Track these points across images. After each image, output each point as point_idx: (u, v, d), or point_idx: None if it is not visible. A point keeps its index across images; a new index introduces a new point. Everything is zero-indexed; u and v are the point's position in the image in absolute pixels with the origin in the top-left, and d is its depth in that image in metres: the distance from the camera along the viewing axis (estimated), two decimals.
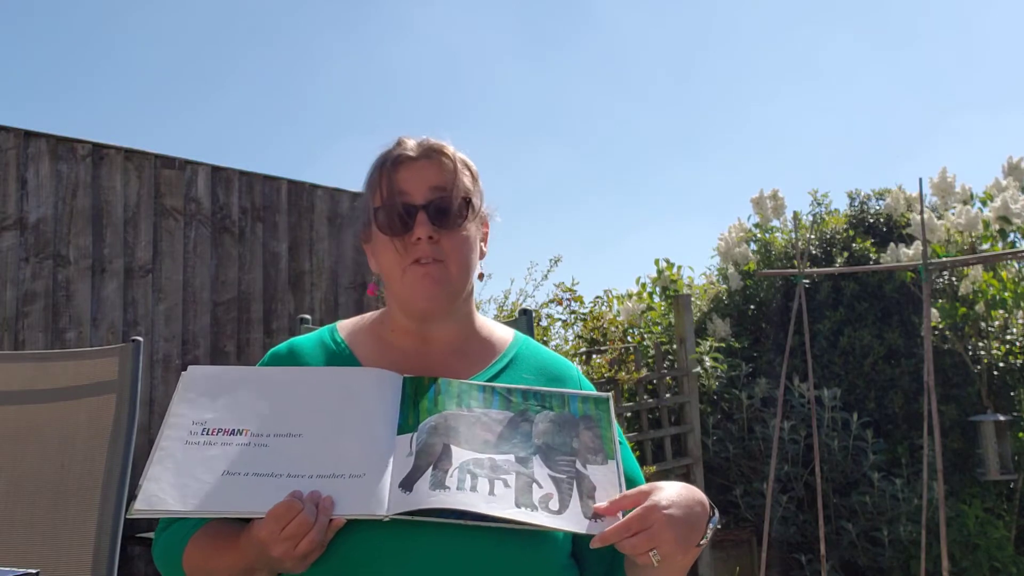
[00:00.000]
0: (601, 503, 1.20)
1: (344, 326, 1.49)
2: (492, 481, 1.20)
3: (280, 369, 1.39)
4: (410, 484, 1.19)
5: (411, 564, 1.20)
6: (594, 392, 1.41)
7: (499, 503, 1.17)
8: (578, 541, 1.33)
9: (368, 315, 1.50)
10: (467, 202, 1.36)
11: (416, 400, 1.30)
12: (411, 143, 1.39)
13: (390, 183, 1.35)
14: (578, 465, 1.25)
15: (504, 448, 1.25)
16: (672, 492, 1.18)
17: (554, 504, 1.20)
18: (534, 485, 1.21)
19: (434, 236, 1.33)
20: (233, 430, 1.25)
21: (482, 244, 1.44)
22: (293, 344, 1.47)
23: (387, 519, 1.16)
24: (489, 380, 1.39)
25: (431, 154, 1.37)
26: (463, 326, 1.44)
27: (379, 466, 1.21)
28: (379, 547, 1.20)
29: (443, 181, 1.35)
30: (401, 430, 1.26)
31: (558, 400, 1.35)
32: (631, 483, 1.27)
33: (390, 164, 1.37)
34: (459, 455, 1.23)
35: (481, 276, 1.46)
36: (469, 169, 1.40)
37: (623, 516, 1.18)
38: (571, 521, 1.18)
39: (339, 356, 1.42)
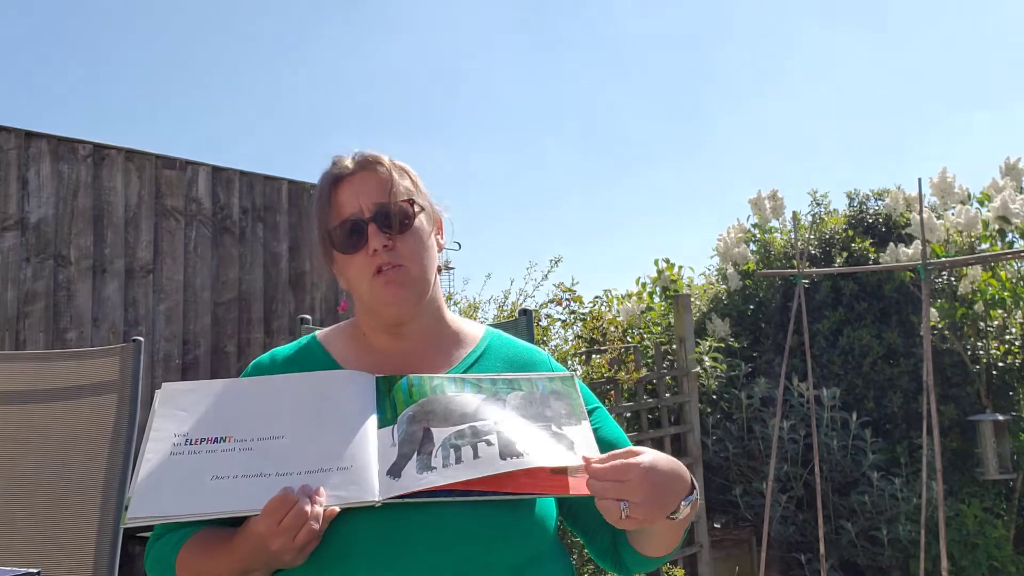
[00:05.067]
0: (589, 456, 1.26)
1: (322, 334, 1.55)
2: (475, 445, 1.25)
3: (254, 379, 1.42)
4: (398, 471, 1.23)
5: (405, 543, 1.23)
6: (559, 372, 1.47)
7: (485, 464, 1.22)
8: (578, 512, 1.39)
9: (343, 323, 1.56)
10: (411, 204, 1.42)
11: (391, 396, 1.35)
12: (347, 160, 1.44)
13: (335, 204, 1.42)
14: (554, 428, 1.31)
15: (483, 416, 1.30)
16: (657, 456, 1.24)
17: (539, 447, 1.25)
18: (517, 437, 1.26)
19: (388, 244, 1.39)
20: (216, 438, 1.28)
21: (437, 237, 1.50)
22: (275, 354, 1.51)
23: (379, 504, 1.19)
24: (462, 373, 1.44)
25: (366, 165, 1.42)
26: (434, 321, 1.49)
27: (365, 457, 1.24)
28: (373, 530, 1.23)
29: (383, 189, 1.40)
30: (381, 425, 1.30)
31: (526, 383, 1.39)
32: (615, 446, 1.33)
33: (330, 185, 1.42)
34: (440, 434, 1.27)
35: (440, 270, 1.52)
36: (407, 173, 1.46)
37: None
38: (557, 455, 1.25)
39: (320, 362, 1.46)
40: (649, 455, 1.23)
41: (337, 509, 1.20)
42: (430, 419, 1.30)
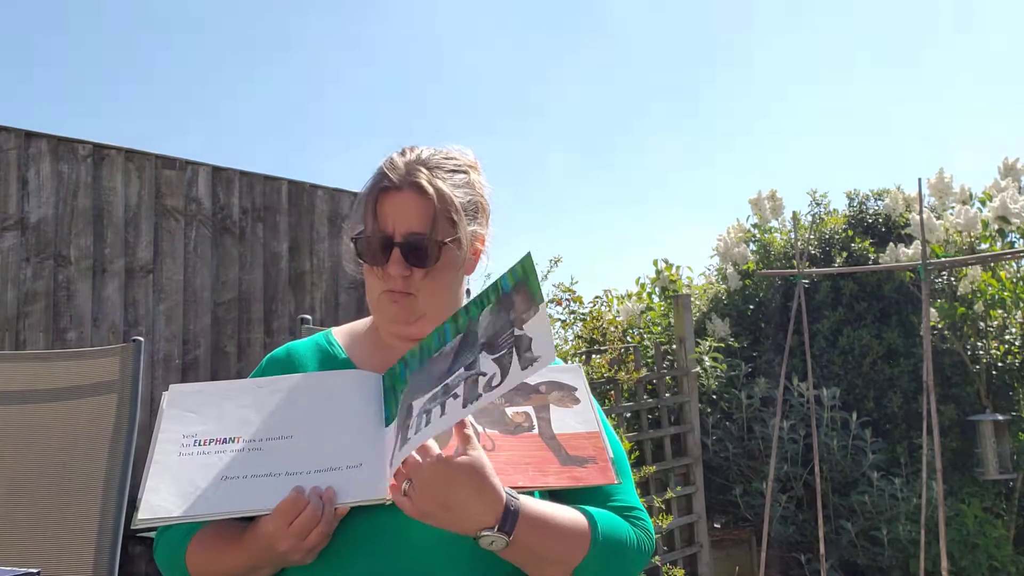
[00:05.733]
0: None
1: (338, 330, 1.54)
2: (443, 403, 1.19)
3: (262, 379, 1.41)
4: None
5: (414, 538, 1.23)
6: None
7: (449, 418, 1.16)
8: (564, 497, 1.31)
9: (360, 321, 1.55)
10: (441, 245, 1.36)
11: (395, 389, 1.34)
12: (400, 167, 1.38)
13: (373, 214, 1.37)
14: (515, 331, 1.22)
15: (456, 367, 1.24)
16: (480, 464, 1.16)
17: (496, 380, 1.17)
18: (480, 378, 1.19)
19: (407, 274, 1.36)
20: (225, 439, 1.27)
21: (472, 257, 1.45)
22: (290, 348, 1.51)
23: (389, 503, 1.19)
24: None
25: (414, 187, 1.35)
26: None
27: (374, 456, 1.24)
28: (379, 526, 1.23)
29: (422, 220, 1.35)
30: (388, 422, 1.30)
31: (492, 290, 1.28)
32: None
33: (376, 193, 1.37)
34: (417, 405, 1.23)
35: (469, 293, 1.50)
36: (453, 203, 1.37)
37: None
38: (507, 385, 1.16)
39: (334, 358, 1.46)
40: (472, 457, 1.16)
41: (347, 508, 1.20)
42: (413, 393, 1.27)
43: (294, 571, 1.26)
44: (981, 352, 5.63)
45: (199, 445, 1.27)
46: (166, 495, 1.20)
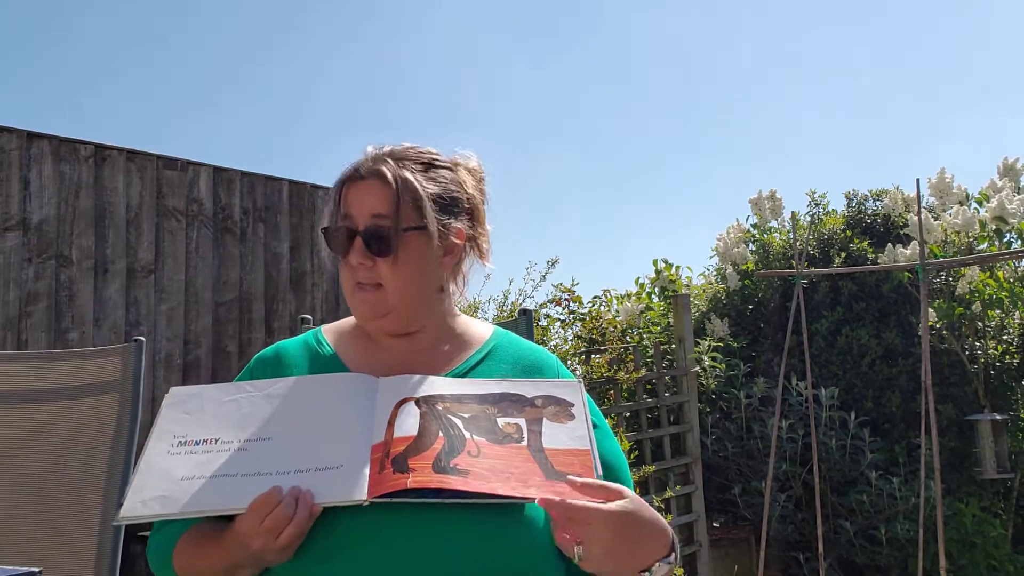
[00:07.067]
0: (574, 476, 1.20)
1: (328, 329, 1.52)
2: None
3: (259, 382, 1.40)
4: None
5: (390, 545, 1.21)
6: (566, 379, 1.43)
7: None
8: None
9: (348, 318, 1.53)
10: (402, 232, 1.34)
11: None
12: (368, 160, 1.38)
13: (338, 204, 1.38)
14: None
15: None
16: (637, 505, 1.17)
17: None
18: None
19: (367, 263, 1.35)
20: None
21: (447, 254, 1.41)
22: (279, 348, 1.50)
23: (366, 503, 1.17)
24: (466, 372, 1.42)
25: (377, 175, 1.35)
26: (438, 324, 1.46)
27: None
28: (358, 531, 1.21)
29: (383, 208, 1.34)
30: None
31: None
32: (608, 468, 1.31)
33: (342, 183, 1.38)
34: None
35: (442, 288, 1.45)
36: (417, 191, 1.35)
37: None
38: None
39: (323, 357, 1.45)
40: (626, 502, 1.16)
41: (320, 508, 1.19)
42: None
43: (278, 570, 1.26)
44: (979, 352, 5.65)
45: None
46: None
